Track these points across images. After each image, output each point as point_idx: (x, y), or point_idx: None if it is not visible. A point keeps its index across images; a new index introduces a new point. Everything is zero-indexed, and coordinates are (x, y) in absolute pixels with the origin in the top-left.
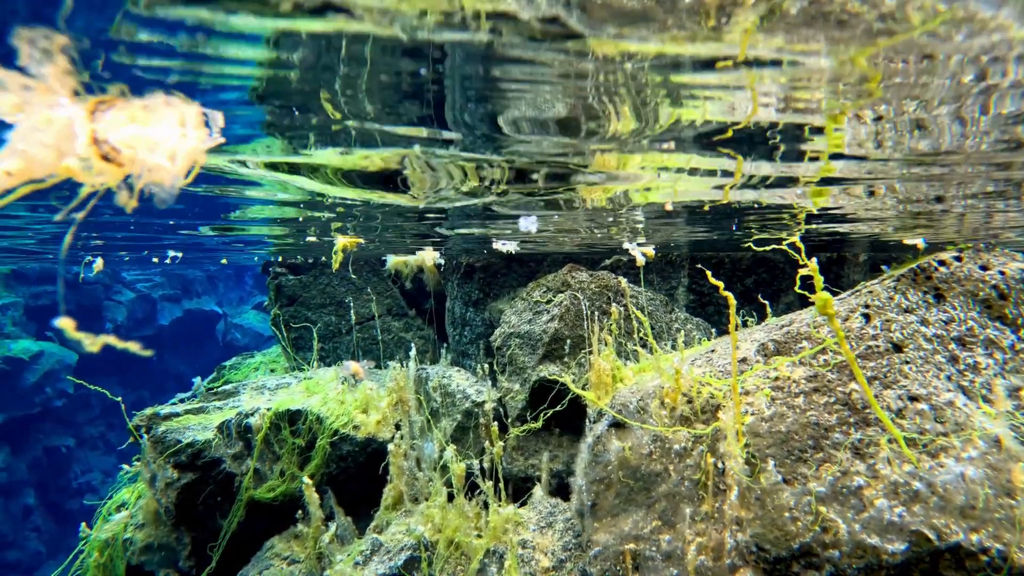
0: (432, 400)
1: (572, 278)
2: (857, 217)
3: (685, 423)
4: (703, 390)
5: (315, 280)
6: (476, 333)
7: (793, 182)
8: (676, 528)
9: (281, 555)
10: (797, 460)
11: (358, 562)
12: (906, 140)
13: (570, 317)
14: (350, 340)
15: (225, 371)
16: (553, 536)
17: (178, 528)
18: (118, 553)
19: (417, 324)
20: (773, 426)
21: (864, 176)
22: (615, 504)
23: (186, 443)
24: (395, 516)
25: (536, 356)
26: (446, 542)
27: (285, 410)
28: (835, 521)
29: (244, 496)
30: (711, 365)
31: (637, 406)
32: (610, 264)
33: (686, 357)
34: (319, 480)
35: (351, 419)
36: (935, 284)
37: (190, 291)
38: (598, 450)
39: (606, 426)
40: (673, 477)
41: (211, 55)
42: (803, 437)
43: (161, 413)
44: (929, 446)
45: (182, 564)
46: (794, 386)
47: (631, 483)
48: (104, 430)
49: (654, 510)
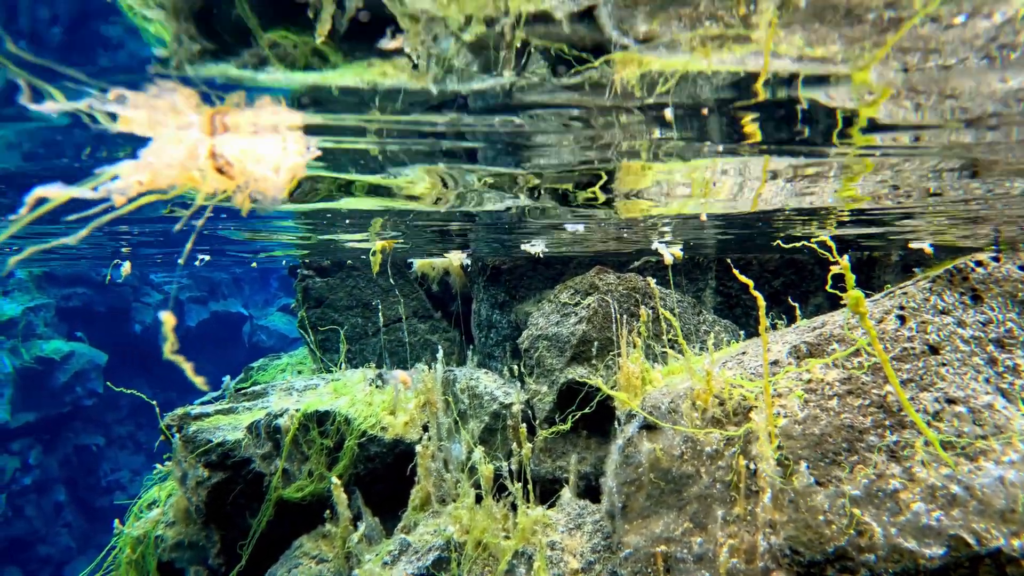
0: (460, 402)
1: (600, 280)
2: (885, 218)
3: (716, 425)
4: (734, 392)
5: (342, 282)
6: (502, 335)
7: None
8: (708, 530)
9: (310, 554)
10: (831, 463)
11: (386, 562)
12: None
13: (598, 319)
14: (376, 342)
15: (253, 372)
16: (582, 538)
17: (208, 526)
18: (149, 550)
19: (443, 326)
20: (806, 428)
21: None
22: (646, 506)
23: (216, 443)
24: (423, 517)
25: (564, 358)
26: (474, 543)
27: (313, 411)
28: (870, 524)
29: (273, 495)
30: (742, 367)
31: (668, 408)
32: (638, 266)
33: (716, 359)
34: (347, 480)
35: (379, 420)
36: (972, 285)
37: (216, 293)
38: (629, 452)
39: (637, 428)
40: (704, 479)
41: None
42: (837, 439)
43: (192, 413)
44: (967, 449)
45: (211, 561)
46: (827, 388)
47: (662, 485)
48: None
49: (685, 512)
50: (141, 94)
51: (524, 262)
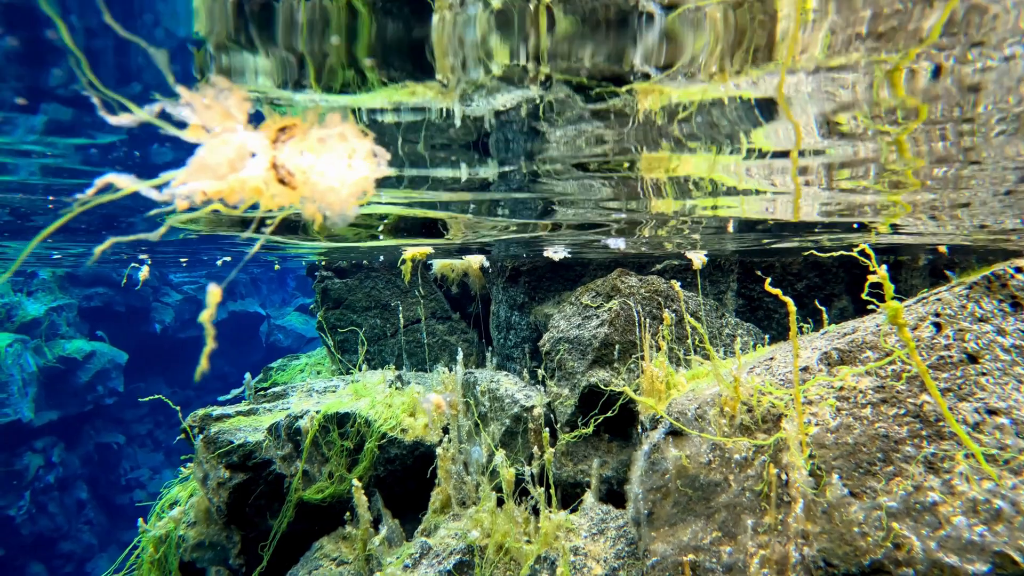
0: (480, 404)
1: (622, 283)
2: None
3: (745, 432)
4: (763, 399)
5: (360, 284)
6: (521, 337)
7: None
8: (737, 540)
9: (330, 556)
10: (865, 473)
11: (407, 565)
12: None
13: (620, 322)
14: (395, 343)
15: (272, 372)
16: (605, 543)
17: (229, 527)
18: (171, 549)
19: (461, 328)
20: (839, 437)
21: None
22: (673, 513)
23: (238, 444)
24: (443, 519)
25: (585, 361)
26: (495, 547)
27: (334, 413)
28: (909, 538)
29: (293, 497)
30: (771, 373)
31: (695, 414)
32: (661, 268)
33: (743, 364)
34: (367, 482)
35: (399, 422)
36: (1011, 292)
37: (234, 293)
38: (655, 458)
39: (663, 434)
40: (733, 487)
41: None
42: (871, 449)
43: (213, 414)
44: (1011, 462)
45: (232, 562)
46: (860, 397)
47: (689, 492)
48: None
49: (714, 520)
50: (200, 97)
51: (543, 264)
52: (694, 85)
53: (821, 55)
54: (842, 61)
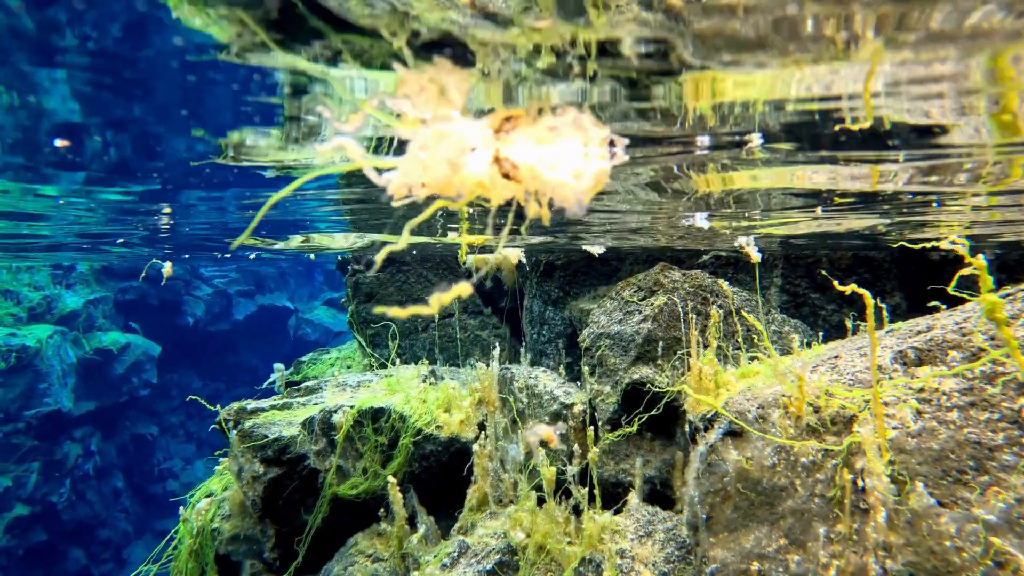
0: (518, 401)
1: (664, 277)
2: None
3: (812, 435)
4: (832, 400)
5: (392, 277)
6: (555, 332)
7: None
8: (807, 548)
9: (365, 552)
10: (955, 482)
11: (445, 564)
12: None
13: (663, 318)
14: (426, 337)
15: (303, 366)
16: (653, 547)
17: (263, 520)
18: (207, 541)
19: (493, 322)
20: (922, 442)
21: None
22: (733, 518)
23: (272, 439)
24: (480, 517)
25: (628, 358)
26: (535, 548)
27: (368, 408)
28: (1014, 555)
29: (328, 492)
30: (837, 373)
31: (757, 414)
32: (707, 261)
33: (805, 362)
34: (401, 479)
35: (434, 418)
36: None
37: (263, 287)
38: (712, 460)
39: (720, 434)
40: (801, 493)
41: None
42: (961, 456)
43: (248, 408)
44: None
45: (266, 555)
46: (945, 399)
47: (751, 496)
48: (184, 419)
49: (779, 527)
50: (415, 79)
51: (579, 258)
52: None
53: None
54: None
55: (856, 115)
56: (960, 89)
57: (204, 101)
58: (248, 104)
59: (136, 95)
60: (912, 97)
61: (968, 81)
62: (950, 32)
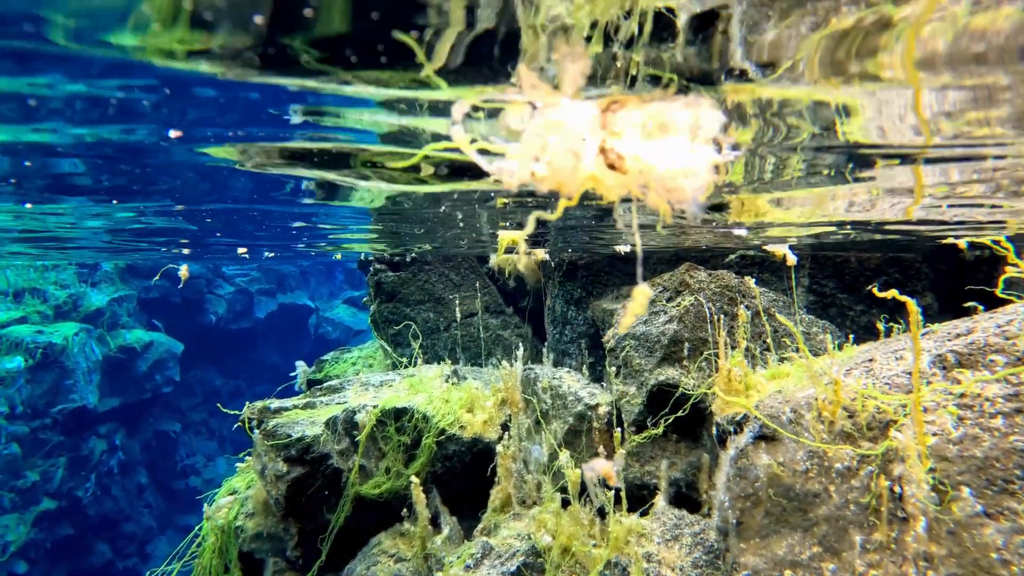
0: (542, 402)
1: (690, 277)
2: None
3: (847, 440)
4: (867, 404)
5: (414, 276)
6: (577, 332)
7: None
8: (842, 557)
9: (388, 552)
10: (1001, 491)
11: (469, 565)
12: None
13: (690, 318)
14: (448, 337)
15: (325, 364)
16: (680, 551)
17: (286, 519)
18: (231, 538)
19: (515, 322)
20: (964, 449)
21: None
22: (764, 524)
23: (296, 438)
24: (503, 519)
25: (653, 359)
26: (560, 550)
27: (391, 408)
28: None
29: (350, 491)
30: (872, 376)
31: (790, 418)
32: (733, 261)
33: (839, 365)
34: (424, 479)
35: (457, 418)
36: None
37: (284, 285)
38: (743, 464)
39: (751, 438)
40: (835, 499)
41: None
42: (1007, 465)
43: (271, 407)
44: None
45: (289, 553)
46: (988, 405)
47: (783, 502)
48: (206, 416)
49: (813, 534)
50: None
51: (601, 258)
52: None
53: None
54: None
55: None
56: None
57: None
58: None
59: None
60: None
61: None
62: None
